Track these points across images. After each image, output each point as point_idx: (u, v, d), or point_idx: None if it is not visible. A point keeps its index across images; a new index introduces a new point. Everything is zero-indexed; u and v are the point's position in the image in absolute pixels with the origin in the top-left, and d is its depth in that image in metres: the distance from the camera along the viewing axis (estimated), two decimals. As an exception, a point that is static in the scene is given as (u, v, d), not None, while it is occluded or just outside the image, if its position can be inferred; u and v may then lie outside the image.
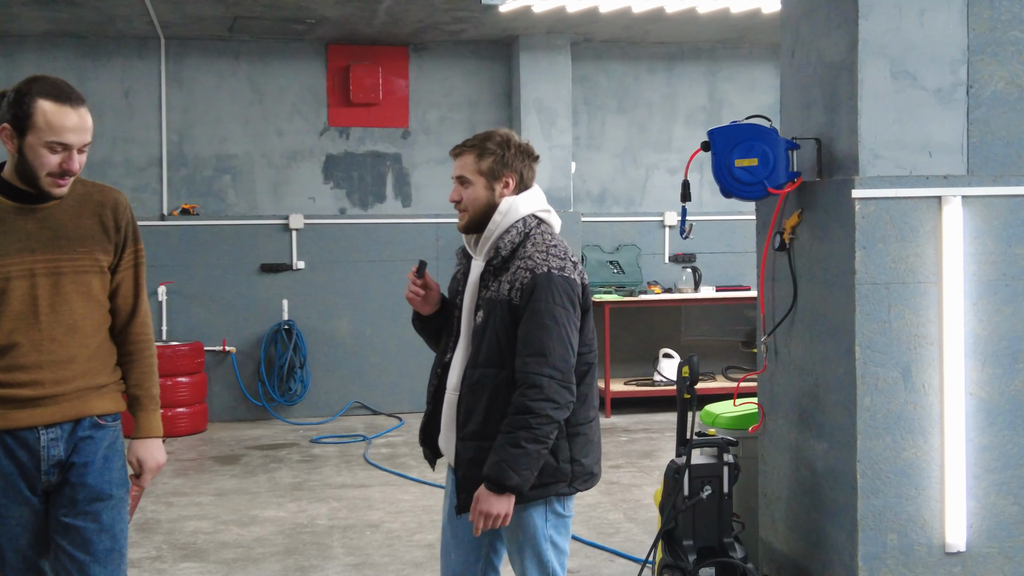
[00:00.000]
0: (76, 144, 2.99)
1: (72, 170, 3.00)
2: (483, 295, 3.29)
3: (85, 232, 3.14)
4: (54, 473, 3.10)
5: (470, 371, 3.27)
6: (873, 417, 4.03)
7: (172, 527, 6.21)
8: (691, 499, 4.38)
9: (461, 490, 3.27)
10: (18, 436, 3.05)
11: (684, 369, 4.49)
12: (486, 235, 3.33)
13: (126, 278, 3.27)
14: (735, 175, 4.28)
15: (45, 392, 3.06)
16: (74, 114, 2.98)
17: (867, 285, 4.02)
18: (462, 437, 3.28)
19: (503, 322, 3.21)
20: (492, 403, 3.22)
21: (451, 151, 3.41)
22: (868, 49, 4.07)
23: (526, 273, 3.20)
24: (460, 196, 3.34)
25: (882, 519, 4.04)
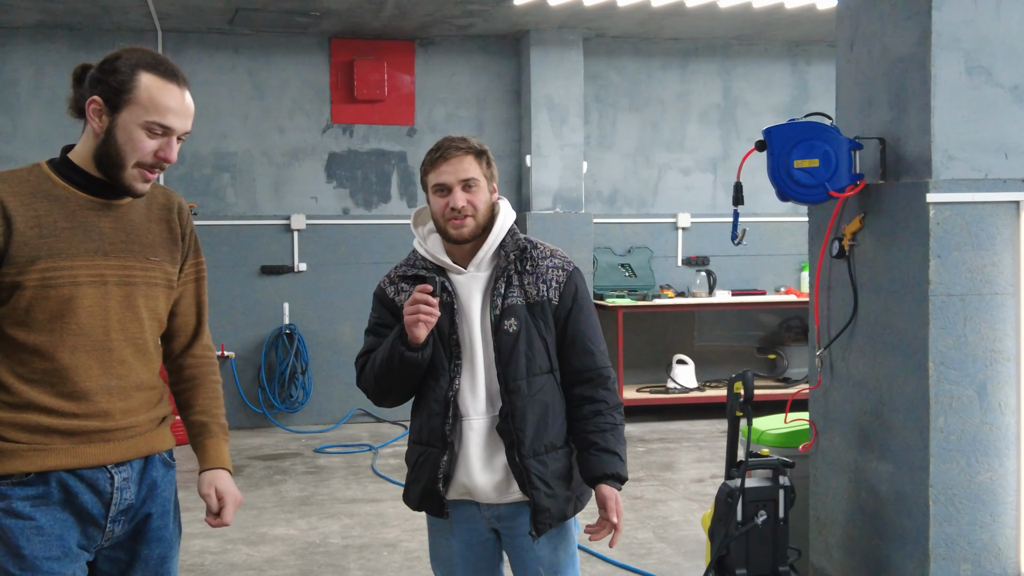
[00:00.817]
0: (179, 129, 2.56)
1: (170, 159, 2.56)
2: (503, 303, 3.04)
3: (156, 238, 2.70)
4: (120, 522, 2.64)
5: (521, 383, 3.01)
6: (946, 438, 3.76)
7: (176, 546, 5.87)
8: (745, 525, 4.10)
9: (539, 511, 3.00)
10: (83, 476, 2.56)
11: (737, 384, 4.21)
12: (491, 241, 3.09)
13: (187, 292, 2.83)
14: (794, 177, 4.00)
15: (116, 424, 2.60)
16: (180, 94, 2.58)
17: (941, 296, 3.74)
18: (532, 454, 3.01)
19: (546, 324, 3.07)
20: (555, 409, 3.08)
21: (444, 155, 3.04)
22: (941, 43, 3.79)
23: (560, 272, 3.12)
24: (467, 201, 3.03)
25: (955, 547, 3.78)
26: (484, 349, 3.04)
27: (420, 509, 3.14)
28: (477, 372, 3.04)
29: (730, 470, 4.26)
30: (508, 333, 3.02)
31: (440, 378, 3.04)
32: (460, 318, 3.05)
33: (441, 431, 3.02)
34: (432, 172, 3.05)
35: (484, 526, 3.12)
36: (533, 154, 9.56)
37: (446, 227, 3.04)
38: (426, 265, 3.11)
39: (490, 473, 3.03)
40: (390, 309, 3.14)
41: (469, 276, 3.08)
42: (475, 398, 3.04)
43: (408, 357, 2.96)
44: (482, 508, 3.09)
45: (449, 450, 3.02)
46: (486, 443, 3.04)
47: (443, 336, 3.03)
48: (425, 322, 2.91)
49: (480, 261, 3.08)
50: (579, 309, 3.11)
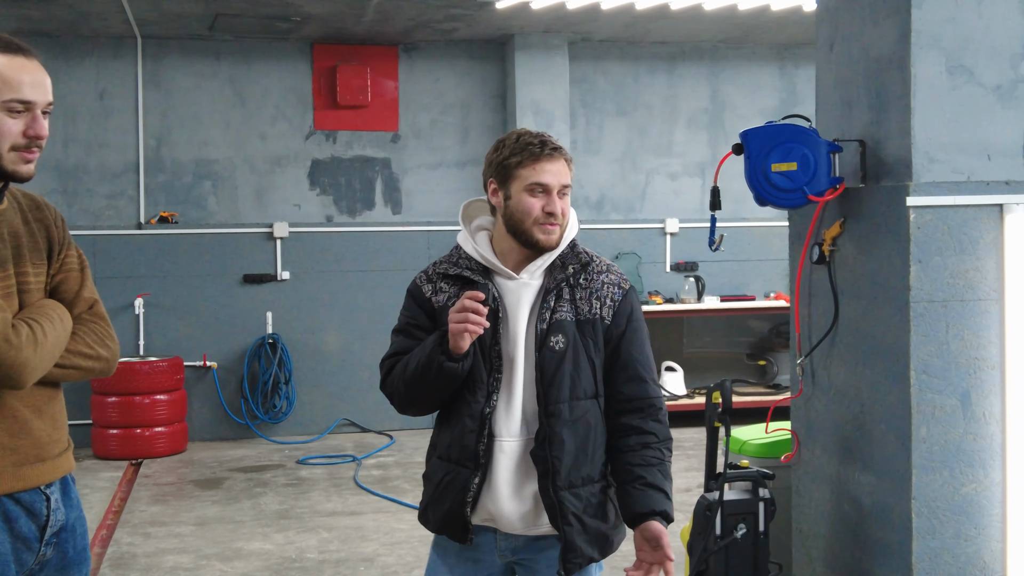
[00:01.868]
0: (39, 101, 2.43)
1: (41, 135, 2.42)
2: (552, 317, 2.81)
3: (40, 241, 2.60)
4: (52, 546, 2.55)
5: (562, 407, 2.78)
6: (929, 449, 3.65)
7: (149, 562, 5.76)
8: (724, 539, 3.99)
9: (570, 550, 2.77)
10: (21, 500, 2.47)
11: (715, 394, 4.10)
12: (554, 251, 2.86)
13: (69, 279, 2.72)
14: (772, 181, 3.89)
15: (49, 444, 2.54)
16: (31, 65, 2.44)
17: (923, 303, 3.63)
18: (568, 486, 2.77)
19: (596, 345, 2.84)
20: (597, 439, 2.84)
21: (551, 152, 2.83)
22: (921, 42, 3.69)
23: (615, 289, 2.90)
24: (561, 208, 2.84)
25: (939, 561, 3.67)
26: (526, 365, 2.82)
27: (441, 532, 2.88)
28: (515, 389, 2.81)
29: (709, 482, 4.15)
30: (554, 351, 2.79)
31: (477, 392, 2.79)
32: (504, 329, 2.82)
33: (474, 450, 2.79)
34: (532, 167, 2.80)
35: (497, 558, 2.87)
36: (519, 160, 9.44)
37: (532, 230, 2.79)
38: (471, 266, 2.87)
39: (519, 501, 2.80)
40: (425, 309, 2.89)
41: (520, 284, 2.85)
42: (509, 418, 2.81)
43: (448, 368, 2.72)
44: (499, 537, 2.86)
45: (481, 472, 2.79)
46: (517, 468, 2.81)
47: (484, 347, 2.79)
48: (472, 332, 2.68)
49: (536, 269, 2.85)
50: (634, 332, 2.89)
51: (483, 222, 2.97)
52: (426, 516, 2.91)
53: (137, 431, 8.40)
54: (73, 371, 2.55)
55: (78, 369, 2.55)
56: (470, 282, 2.85)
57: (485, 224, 2.96)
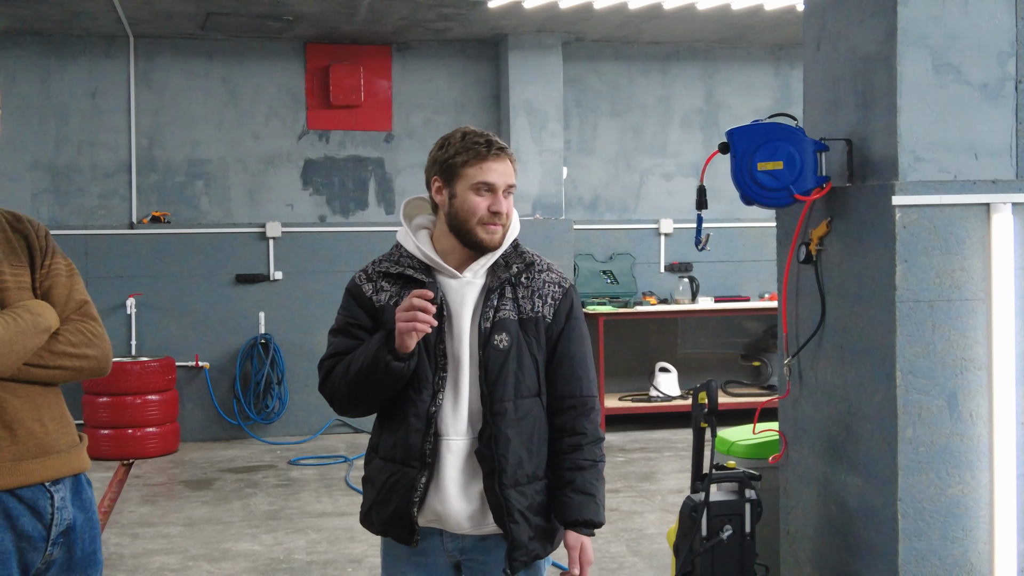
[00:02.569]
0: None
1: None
2: (495, 316, 2.79)
3: (16, 246, 2.62)
4: (59, 546, 2.54)
5: (507, 405, 2.76)
6: (915, 450, 3.62)
7: (136, 563, 5.73)
8: (710, 540, 3.97)
9: (516, 547, 2.76)
10: (23, 496, 2.46)
11: (701, 395, 4.07)
12: (497, 251, 2.86)
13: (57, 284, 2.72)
14: (758, 180, 3.87)
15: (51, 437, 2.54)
16: None
17: (909, 303, 3.60)
18: (513, 484, 2.75)
19: (539, 343, 2.83)
20: (541, 437, 2.83)
21: (499, 152, 2.81)
22: (908, 40, 3.66)
23: (556, 288, 2.89)
24: (506, 207, 2.83)
25: (925, 563, 3.64)
26: (470, 364, 2.79)
27: (386, 535, 2.86)
28: (461, 388, 2.79)
29: (695, 483, 4.12)
30: (498, 349, 2.77)
31: (422, 391, 2.76)
32: (448, 327, 2.80)
33: (420, 450, 2.76)
34: (479, 166, 2.77)
35: (445, 559, 2.86)
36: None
37: (476, 229, 2.78)
38: (413, 264, 2.84)
39: (466, 501, 2.78)
40: (365, 308, 2.85)
41: (463, 282, 2.83)
42: (456, 417, 2.79)
43: (394, 367, 2.69)
44: (445, 538, 2.84)
45: (427, 471, 2.76)
46: (464, 467, 2.79)
47: (429, 346, 2.76)
48: (420, 331, 2.65)
49: (480, 268, 2.84)
50: (572, 329, 2.88)
51: (423, 221, 2.94)
52: (369, 519, 2.88)
53: (128, 431, 8.37)
54: (58, 371, 2.53)
55: (64, 369, 2.54)
56: (412, 281, 2.82)
57: (425, 223, 2.93)
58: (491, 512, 2.76)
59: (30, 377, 2.48)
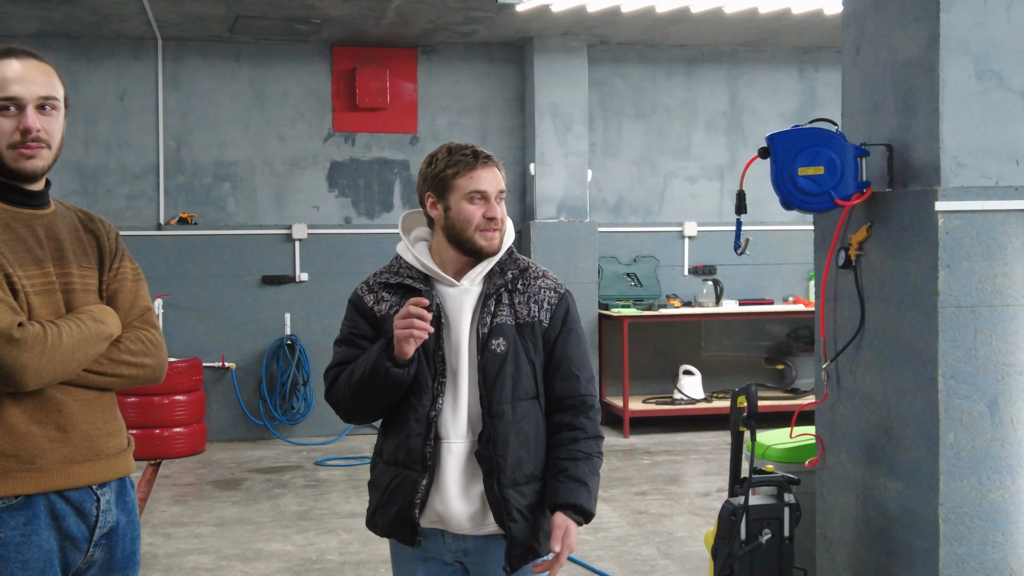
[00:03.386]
0: (27, 96, 2.46)
1: (31, 128, 2.44)
2: (493, 321, 2.87)
3: (87, 247, 2.65)
4: (101, 547, 2.57)
5: (505, 407, 2.84)
6: (957, 455, 3.64)
7: (171, 563, 5.77)
8: (749, 544, 3.98)
9: (515, 546, 2.83)
10: (70, 498, 2.49)
11: (740, 398, 4.09)
12: (492, 259, 2.94)
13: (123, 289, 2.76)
14: (798, 185, 3.88)
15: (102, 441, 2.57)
16: (17, 64, 2.48)
17: (951, 308, 3.62)
18: (512, 484, 2.83)
19: (536, 347, 2.91)
20: (539, 438, 2.91)
21: (485, 161, 2.90)
22: (950, 46, 3.68)
23: (552, 293, 2.97)
24: (500, 214, 2.90)
25: (966, 567, 3.66)
26: (469, 368, 2.88)
27: (389, 536, 2.94)
28: (460, 392, 2.88)
29: (733, 487, 4.14)
30: (495, 353, 2.86)
31: (422, 396, 2.85)
32: (447, 334, 2.89)
33: (421, 453, 2.84)
34: (469, 176, 2.86)
35: (450, 558, 2.94)
36: (537, 162, 9.45)
37: (475, 237, 2.86)
38: (412, 274, 2.92)
39: (467, 502, 2.86)
40: (367, 319, 2.94)
41: (460, 290, 2.91)
42: (456, 420, 2.87)
43: (394, 374, 2.77)
44: (447, 539, 2.91)
45: (428, 474, 2.85)
46: (464, 469, 2.87)
47: (428, 352, 2.85)
48: (417, 338, 2.73)
49: (476, 276, 2.92)
50: (568, 332, 2.96)
51: (421, 233, 3.02)
52: (374, 521, 2.97)
53: (156, 431, 8.41)
54: (115, 379, 2.56)
55: (120, 377, 2.57)
56: (412, 290, 2.90)
57: (423, 235, 3.01)
58: (491, 512, 2.84)
59: (87, 383, 2.51)
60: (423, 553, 2.92)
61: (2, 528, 2.40)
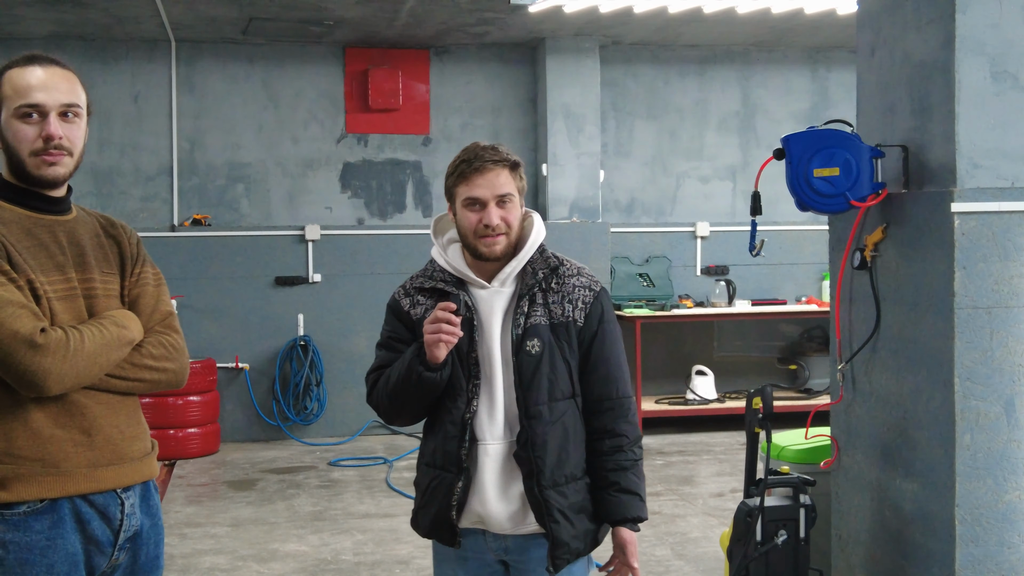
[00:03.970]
0: (49, 104, 2.47)
1: (53, 135, 2.45)
2: (527, 322, 2.87)
3: (108, 252, 2.66)
4: (126, 551, 2.59)
5: (542, 408, 2.84)
6: (973, 456, 3.63)
7: (187, 563, 5.79)
8: (765, 545, 3.98)
9: (558, 546, 2.83)
10: (95, 502, 2.52)
11: (755, 400, 4.08)
12: (521, 257, 2.93)
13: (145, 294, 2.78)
14: (814, 186, 3.88)
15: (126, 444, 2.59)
16: (41, 71, 2.49)
17: (967, 310, 3.61)
18: (552, 485, 2.84)
19: (570, 347, 2.91)
20: (577, 437, 2.91)
21: (480, 166, 2.87)
22: (966, 47, 3.67)
23: (586, 291, 2.96)
24: (501, 218, 2.86)
25: (982, 569, 3.65)
26: (504, 370, 2.88)
27: (430, 537, 2.97)
28: (496, 394, 2.88)
29: (749, 488, 4.13)
30: (530, 354, 2.85)
31: (457, 399, 2.87)
32: (480, 336, 2.89)
33: (456, 455, 2.86)
34: (463, 184, 2.87)
35: (491, 557, 2.95)
36: (549, 163, 9.46)
37: (476, 244, 2.87)
38: (445, 277, 2.93)
39: (506, 502, 2.87)
40: (405, 322, 2.96)
41: (492, 292, 2.91)
42: (492, 422, 2.88)
43: (427, 377, 2.79)
44: (488, 538, 2.92)
45: (464, 476, 2.86)
46: (502, 470, 2.87)
47: (462, 355, 2.86)
48: (446, 342, 2.75)
49: (506, 277, 2.92)
50: (604, 332, 2.95)
51: (454, 235, 3.02)
52: (417, 522, 3.00)
53: (170, 432, 8.44)
54: (137, 383, 2.58)
55: (142, 381, 2.58)
56: (445, 294, 2.90)
57: (455, 237, 3.02)
58: (532, 512, 2.85)
59: (110, 387, 2.53)
60: (464, 552, 2.94)
61: (27, 532, 2.41)
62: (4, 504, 2.40)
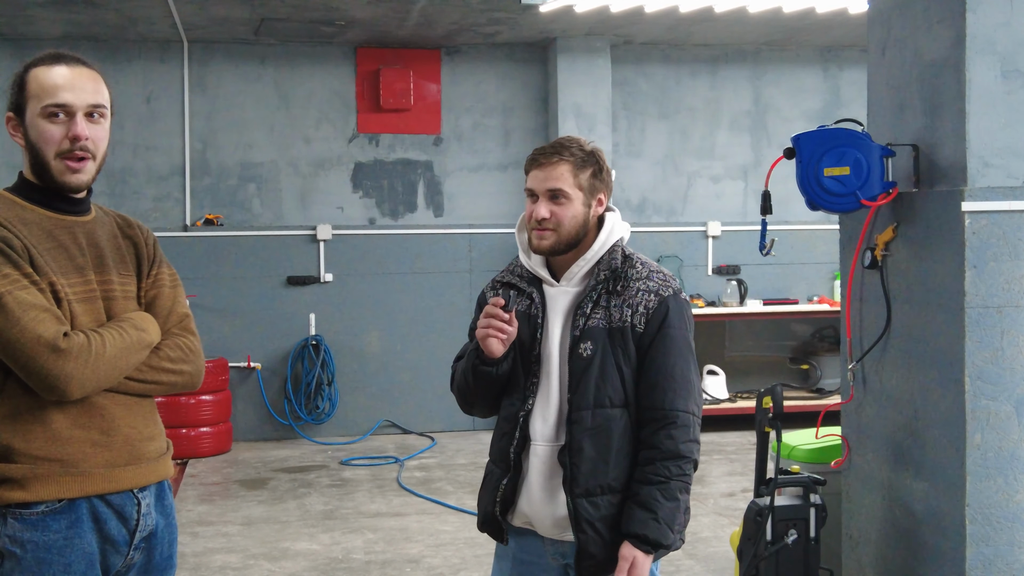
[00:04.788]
0: (77, 104, 2.46)
1: (80, 136, 2.45)
2: (585, 324, 2.82)
3: (125, 253, 2.67)
4: (140, 550, 2.60)
5: (584, 414, 2.78)
6: (984, 456, 3.62)
7: (198, 561, 5.82)
8: (775, 545, 3.98)
9: (584, 558, 2.77)
10: (111, 502, 2.53)
11: (766, 399, 4.08)
12: (588, 256, 2.86)
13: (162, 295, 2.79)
14: (824, 185, 3.88)
15: (143, 445, 2.60)
16: (68, 71, 2.48)
17: (978, 309, 3.60)
18: (584, 494, 2.77)
19: (626, 353, 2.81)
20: (621, 449, 2.80)
21: (537, 158, 2.87)
22: (976, 46, 3.67)
23: (650, 296, 2.83)
24: (551, 213, 2.83)
25: (993, 569, 3.64)
26: (560, 371, 2.85)
27: (483, 530, 2.97)
28: (551, 394, 2.84)
29: (759, 488, 4.13)
30: (582, 357, 2.80)
31: (514, 395, 2.86)
32: (543, 335, 2.86)
33: (507, 452, 2.84)
34: (527, 175, 2.90)
35: (550, 562, 2.89)
36: (561, 163, 9.43)
37: (530, 235, 2.89)
38: (522, 274, 2.94)
39: (552, 506, 2.82)
40: None
41: (559, 291, 2.89)
42: (545, 422, 2.84)
43: (482, 371, 2.81)
44: (546, 543, 2.88)
45: (512, 474, 2.83)
46: (549, 473, 2.83)
47: (524, 351, 2.85)
48: (496, 337, 2.74)
49: (573, 276, 2.88)
50: (663, 338, 2.81)
51: None
52: (478, 511, 3.01)
53: (183, 431, 8.47)
54: (154, 386, 2.58)
55: (159, 384, 2.59)
56: (520, 290, 2.93)
57: None
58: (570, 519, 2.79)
59: (128, 389, 2.54)
60: (520, 555, 2.92)
61: (46, 532, 2.43)
62: (22, 504, 2.41)
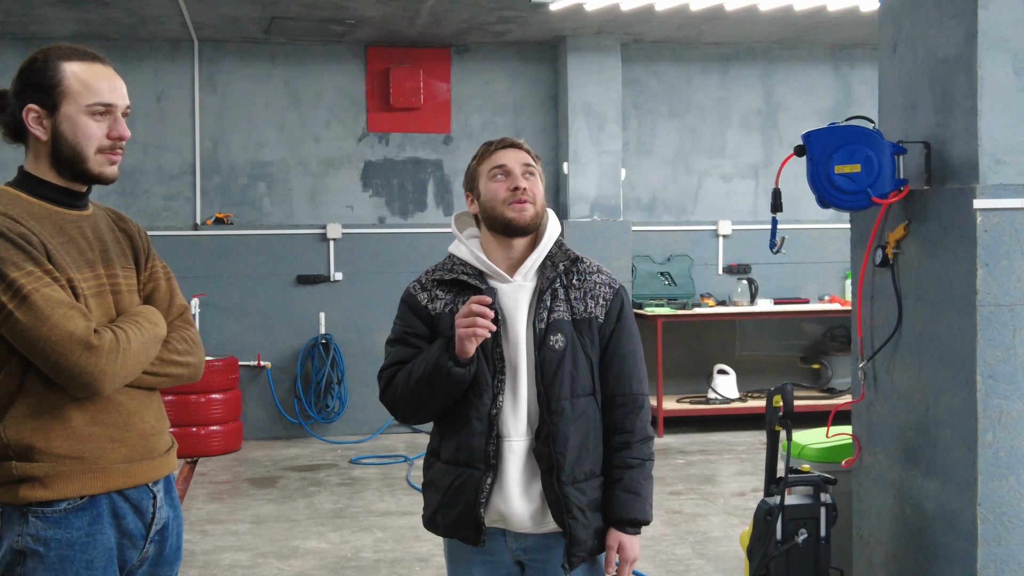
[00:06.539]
0: (120, 104, 2.53)
1: (124, 135, 2.52)
2: (550, 317, 2.86)
3: (125, 246, 2.68)
4: (154, 543, 2.61)
5: (564, 404, 2.83)
6: (996, 455, 3.60)
7: (208, 559, 5.82)
8: (785, 544, 3.96)
9: (575, 544, 2.82)
10: (129, 496, 2.53)
11: (776, 398, 4.07)
12: (541, 249, 2.93)
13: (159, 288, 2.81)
14: (835, 183, 3.85)
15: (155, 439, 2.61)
16: (108, 71, 2.54)
17: (990, 307, 3.58)
18: (572, 481, 2.82)
19: (592, 343, 2.90)
20: (597, 435, 2.91)
21: (506, 142, 2.95)
22: (988, 43, 3.64)
23: (606, 288, 2.95)
24: (526, 184, 2.90)
25: (1005, 568, 3.61)
26: (527, 365, 2.86)
27: (452, 536, 2.91)
28: (520, 390, 2.86)
29: (769, 487, 4.12)
30: (553, 350, 2.84)
31: (483, 395, 2.83)
32: (503, 331, 2.86)
33: (484, 452, 2.82)
34: (489, 158, 2.91)
35: (509, 558, 2.92)
36: (571, 161, 9.45)
37: (504, 211, 2.86)
38: (467, 270, 2.90)
39: (528, 500, 2.85)
40: (422, 317, 2.92)
41: (515, 286, 2.90)
42: (516, 418, 2.85)
43: (456, 373, 2.75)
44: (508, 538, 2.89)
45: (492, 472, 2.83)
46: (525, 467, 2.85)
47: (486, 350, 2.83)
48: (480, 336, 2.72)
49: (528, 270, 2.91)
50: (622, 329, 2.95)
51: (474, 231, 3.03)
52: (435, 522, 2.93)
53: (192, 430, 8.48)
54: (165, 378, 2.59)
55: (169, 376, 2.60)
56: (467, 287, 2.89)
57: (475, 233, 3.02)
58: (550, 510, 2.83)
59: (141, 383, 2.54)
60: (483, 553, 2.90)
61: (68, 528, 2.43)
62: (45, 502, 2.41)
